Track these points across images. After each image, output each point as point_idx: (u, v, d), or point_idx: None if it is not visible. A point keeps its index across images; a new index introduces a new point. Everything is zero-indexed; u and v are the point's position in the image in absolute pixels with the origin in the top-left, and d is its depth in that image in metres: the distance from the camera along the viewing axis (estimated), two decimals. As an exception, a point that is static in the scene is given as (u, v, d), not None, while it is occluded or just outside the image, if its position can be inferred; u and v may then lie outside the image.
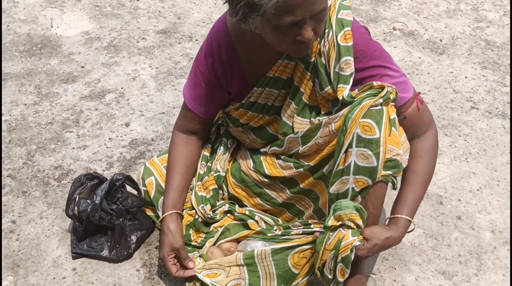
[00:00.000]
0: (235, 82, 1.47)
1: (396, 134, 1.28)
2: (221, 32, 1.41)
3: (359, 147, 1.25)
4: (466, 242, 1.75)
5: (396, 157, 1.28)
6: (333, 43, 1.30)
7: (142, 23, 2.78)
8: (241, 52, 1.42)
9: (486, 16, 2.93)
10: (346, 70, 1.31)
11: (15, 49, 2.53)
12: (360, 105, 1.24)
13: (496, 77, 2.49)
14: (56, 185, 1.85)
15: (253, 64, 1.43)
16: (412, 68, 2.53)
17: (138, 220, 1.62)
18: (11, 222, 1.72)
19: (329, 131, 1.33)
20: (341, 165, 1.29)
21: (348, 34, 1.30)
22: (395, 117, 1.29)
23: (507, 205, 1.88)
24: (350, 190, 1.31)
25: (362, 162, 1.26)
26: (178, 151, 1.57)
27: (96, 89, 2.32)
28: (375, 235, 1.31)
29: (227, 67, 1.44)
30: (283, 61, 1.39)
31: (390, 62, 1.37)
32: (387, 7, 2.99)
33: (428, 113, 1.43)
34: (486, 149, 2.11)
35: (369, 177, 1.28)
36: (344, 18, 1.31)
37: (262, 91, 1.45)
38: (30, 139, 2.04)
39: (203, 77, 1.47)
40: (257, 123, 1.52)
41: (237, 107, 1.51)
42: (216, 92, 1.50)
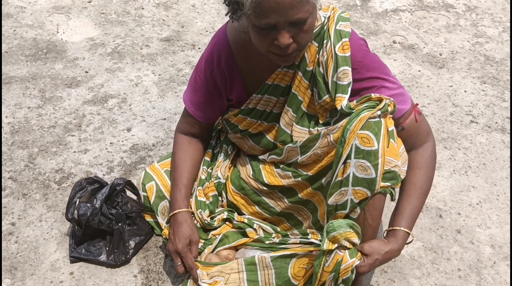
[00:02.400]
0: (234, 90, 1.49)
1: (394, 145, 1.29)
2: (221, 41, 1.44)
3: (358, 159, 1.25)
4: (465, 256, 1.75)
5: (395, 169, 1.28)
6: (331, 53, 1.33)
7: (146, 30, 2.81)
8: (240, 60, 1.44)
9: (485, 32, 2.96)
10: (344, 80, 1.32)
11: (21, 53, 2.55)
12: (358, 116, 1.26)
13: (496, 92, 2.50)
14: (57, 188, 1.86)
15: (252, 72, 1.45)
16: (412, 81, 2.54)
17: (137, 226, 1.62)
18: (11, 224, 1.72)
19: (328, 142, 1.34)
20: (339, 176, 1.30)
21: (346, 45, 1.32)
22: (393, 128, 1.30)
23: (507, 220, 1.89)
24: (349, 202, 1.30)
25: (361, 173, 1.26)
26: (183, 150, 1.58)
27: (99, 94, 2.34)
28: (375, 250, 1.31)
29: (227, 75, 1.46)
30: (282, 69, 1.40)
31: (388, 74, 1.38)
32: (387, 21, 3.02)
33: (426, 125, 1.44)
34: (485, 163, 2.11)
35: (368, 188, 1.28)
36: (342, 29, 1.34)
37: (261, 98, 1.46)
38: (33, 142, 2.05)
39: (203, 85, 1.49)
40: (255, 130, 1.54)
41: (236, 113, 1.52)
42: (215, 99, 1.51)
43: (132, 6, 3.01)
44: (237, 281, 1.44)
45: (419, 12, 3.13)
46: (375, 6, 3.15)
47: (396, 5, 3.17)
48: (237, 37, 1.40)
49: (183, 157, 1.57)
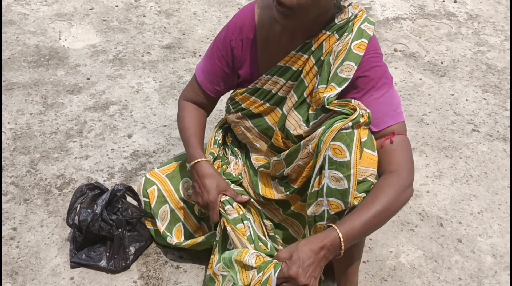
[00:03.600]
0: (246, 65, 1.49)
1: (370, 155, 1.27)
2: (247, 15, 1.45)
3: (331, 170, 1.25)
4: (466, 266, 1.75)
5: (370, 178, 1.26)
6: (347, 46, 1.32)
7: (147, 38, 2.82)
8: (260, 37, 1.44)
9: (487, 41, 2.97)
10: (344, 73, 1.31)
11: (23, 60, 2.56)
12: (331, 127, 1.24)
13: (497, 101, 2.51)
14: (58, 193, 1.86)
15: (268, 52, 1.45)
16: (413, 89, 2.55)
17: (137, 231, 1.62)
18: (12, 229, 1.72)
19: (307, 153, 1.33)
20: (315, 187, 1.29)
21: (363, 45, 1.32)
22: (367, 138, 1.27)
23: (508, 229, 1.88)
24: (325, 213, 1.29)
25: (334, 184, 1.25)
26: (191, 115, 1.58)
27: (100, 100, 2.34)
28: (291, 249, 1.23)
29: (244, 47, 1.46)
30: (296, 53, 1.40)
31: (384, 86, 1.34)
32: (389, 29, 3.03)
33: (399, 157, 1.31)
34: (487, 172, 2.11)
35: (342, 200, 1.26)
36: (365, 30, 1.34)
37: (270, 78, 1.46)
38: (34, 147, 2.06)
39: (218, 53, 1.50)
40: (257, 109, 1.52)
41: (243, 92, 1.52)
42: (227, 71, 1.51)
43: (133, 14, 3.03)
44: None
45: (421, 20, 3.14)
46: (376, 14, 3.17)
47: (397, 13, 3.18)
48: (263, 14, 1.42)
49: (191, 120, 1.57)
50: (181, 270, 1.64)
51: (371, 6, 3.25)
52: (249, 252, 1.29)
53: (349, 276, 1.47)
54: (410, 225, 1.86)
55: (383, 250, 1.77)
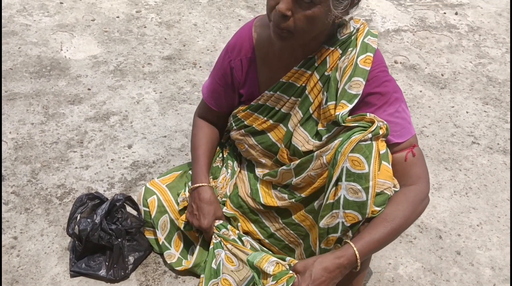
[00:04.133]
0: (248, 84, 1.51)
1: (387, 167, 1.29)
2: (245, 35, 1.48)
3: (349, 182, 1.25)
4: (465, 278, 1.74)
5: (386, 191, 1.28)
6: (353, 62, 1.33)
7: (148, 49, 2.84)
8: (259, 56, 1.46)
9: (488, 53, 2.98)
10: (353, 89, 1.32)
11: (25, 70, 2.58)
12: (349, 139, 1.25)
13: (498, 113, 2.51)
14: (58, 203, 1.86)
15: (268, 69, 1.47)
16: (413, 101, 2.56)
17: (136, 241, 1.62)
18: (13, 238, 1.72)
19: (321, 164, 1.34)
20: (331, 199, 1.29)
21: (369, 59, 1.33)
22: (385, 151, 1.29)
23: (508, 242, 1.88)
24: (340, 225, 1.29)
25: (352, 196, 1.26)
26: (203, 132, 1.64)
27: (101, 111, 2.36)
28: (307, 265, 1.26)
29: (244, 67, 1.49)
30: (299, 69, 1.41)
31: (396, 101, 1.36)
32: (389, 41, 3.05)
33: (418, 169, 1.36)
34: (486, 185, 2.11)
35: (359, 212, 1.27)
36: (370, 43, 1.35)
37: (272, 94, 1.47)
38: (35, 157, 2.06)
39: (219, 73, 1.54)
40: (260, 127, 1.54)
41: (245, 109, 1.54)
42: (228, 90, 1.55)
43: (134, 25, 3.06)
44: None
45: (421, 32, 3.16)
46: (377, 26, 3.19)
47: (398, 25, 3.20)
48: (261, 33, 1.44)
49: (202, 137, 1.63)
50: (180, 280, 1.64)
51: (371, 18, 3.28)
52: (270, 260, 1.31)
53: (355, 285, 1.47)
54: (409, 237, 1.86)
55: (381, 261, 1.76)
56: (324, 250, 1.36)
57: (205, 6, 3.30)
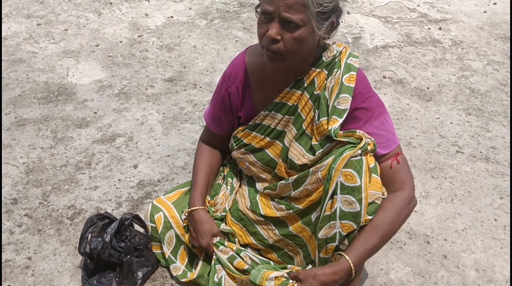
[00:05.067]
0: (245, 107, 1.66)
1: (377, 179, 1.43)
2: (239, 63, 1.64)
3: (343, 194, 1.40)
4: (451, 280, 1.87)
5: (377, 201, 1.42)
6: (339, 80, 1.49)
7: (150, 71, 2.99)
8: (254, 81, 1.62)
9: (470, 65, 3.13)
10: (342, 105, 1.47)
11: (33, 96, 2.72)
12: (341, 156, 1.40)
13: (480, 123, 2.65)
14: (69, 223, 2.00)
15: (263, 92, 1.62)
16: (401, 114, 2.70)
17: (144, 257, 1.75)
18: (27, 259, 1.85)
19: (317, 179, 1.49)
20: (328, 211, 1.44)
21: (353, 78, 1.49)
22: (374, 164, 1.44)
23: (491, 245, 2.01)
24: (337, 234, 1.44)
25: (347, 207, 1.40)
26: (204, 157, 1.79)
27: (107, 133, 2.50)
28: (308, 274, 1.43)
29: (240, 92, 1.64)
30: (290, 90, 1.56)
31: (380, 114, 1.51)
32: (378, 57, 3.19)
33: (404, 175, 1.49)
34: (470, 191, 2.24)
35: (354, 221, 1.41)
36: (352, 64, 1.52)
37: (267, 114, 1.62)
38: (46, 180, 2.20)
39: (218, 99, 1.70)
40: (258, 144, 1.68)
41: (243, 129, 1.69)
42: (228, 114, 1.71)
43: (137, 49, 3.21)
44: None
45: (408, 47, 3.31)
46: (366, 43, 3.34)
47: (386, 41, 3.35)
48: (254, 60, 1.60)
49: (202, 162, 1.78)
50: (185, 291, 1.77)
51: (361, 35, 3.43)
52: (269, 276, 1.47)
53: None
54: (399, 244, 1.99)
55: (374, 267, 1.89)
56: (323, 259, 1.51)
57: (204, 29, 3.45)
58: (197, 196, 1.71)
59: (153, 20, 3.53)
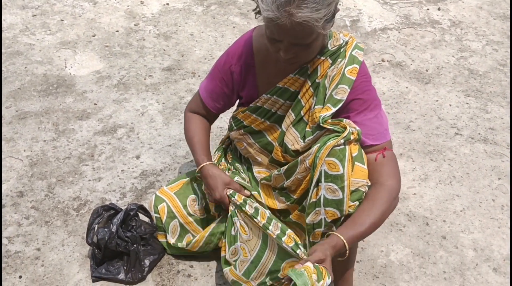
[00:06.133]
0: (247, 87, 1.67)
1: (361, 167, 1.45)
2: (246, 43, 1.64)
3: (327, 182, 1.43)
4: (450, 260, 1.91)
5: (361, 188, 1.45)
6: (341, 71, 1.51)
7: (148, 61, 3.00)
8: (258, 62, 1.63)
9: (469, 46, 3.13)
10: (339, 95, 1.50)
11: (33, 89, 2.74)
12: (325, 145, 1.43)
13: (479, 104, 2.67)
14: (75, 214, 2.04)
15: (266, 74, 1.63)
16: (400, 98, 2.72)
17: (150, 246, 1.80)
18: (36, 250, 1.90)
19: (305, 168, 1.52)
20: (313, 198, 1.47)
21: (355, 70, 1.51)
22: (357, 153, 1.45)
23: (489, 225, 2.05)
24: (323, 220, 1.47)
25: (330, 195, 1.43)
26: (196, 123, 1.78)
27: (108, 124, 2.52)
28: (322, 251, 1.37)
29: (243, 72, 1.65)
30: (294, 75, 1.58)
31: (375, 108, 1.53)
32: (376, 40, 3.20)
33: (389, 169, 1.49)
34: (469, 173, 2.28)
35: (337, 208, 1.44)
36: (356, 56, 1.53)
37: (269, 98, 1.64)
38: (50, 173, 2.23)
39: (219, 75, 1.69)
40: (258, 127, 1.70)
41: (244, 110, 1.71)
42: (226, 91, 1.70)
43: (134, 38, 3.21)
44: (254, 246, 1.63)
45: (406, 29, 3.30)
46: (364, 26, 3.33)
47: (384, 24, 3.35)
48: (260, 42, 1.60)
49: (196, 129, 1.77)
50: (192, 278, 1.81)
51: (359, 18, 3.42)
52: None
53: (346, 277, 1.65)
54: (398, 226, 2.03)
55: (374, 250, 1.93)
56: (312, 243, 1.54)
57: (200, 16, 3.45)
58: (201, 155, 1.71)
59: (149, 7, 3.52)
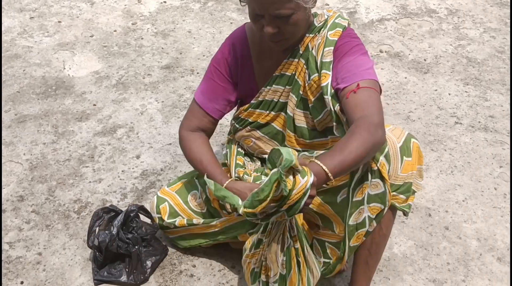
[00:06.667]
0: (245, 79, 1.66)
1: (408, 161, 1.44)
2: (239, 35, 1.64)
3: (374, 179, 1.40)
4: (453, 251, 1.90)
5: (409, 179, 1.44)
6: (324, 37, 1.52)
7: (147, 60, 2.99)
8: (254, 53, 1.63)
9: (467, 34, 3.11)
10: (327, 58, 1.49)
11: (32, 92, 2.74)
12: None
13: (478, 93, 2.65)
14: (76, 217, 2.04)
15: (263, 66, 1.63)
16: (399, 88, 2.70)
17: (152, 247, 1.80)
18: (38, 254, 1.90)
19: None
20: (358, 196, 1.43)
21: (338, 32, 1.51)
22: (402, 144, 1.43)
23: (491, 214, 2.03)
24: (366, 218, 1.45)
25: (373, 190, 1.42)
26: (197, 141, 1.67)
27: (108, 125, 2.52)
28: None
29: (240, 63, 1.64)
30: (288, 60, 1.58)
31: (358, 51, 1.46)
32: (374, 31, 3.18)
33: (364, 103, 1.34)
34: (470, 162, 2.26)
35: (381, 202, 1.43)
36: (339, 22, 1.54)
37: (269, 89, 1.63)
38: (51, 175, 2.24)
39: (217, 71, 1.66)
40: (264, 120, 1.69)
41: (247, 108, 1.69)
42: (226, 86, 1.66)
43: (132, 37, 3.20)
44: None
45: (404, 19, 3.28)
46: (361, 17, 3.31)
47: (381, 15, 3.33)
48: (254, 32, 1.60)
49: (201, 149, 1.65)
50: (195, 278, 1.82)
51: (356, 9, 3.40)
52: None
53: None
54: (401, 218, 2.02)
55: (377, 243, 1.93)
56: (353, 248, 1.52)
57: (198, 13, 3.43)
58: (218, 175, 1.57)
59: (146, 6, 3.51)
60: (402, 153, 1.43)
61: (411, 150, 1.46)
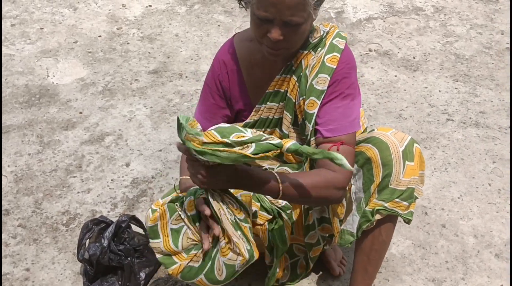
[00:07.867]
0: (237, 95, 1.61)
1: (411, 166, 1.42)
2: (227, 50, 1.59)
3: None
4: (451, 249, 1.89)
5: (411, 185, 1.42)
6: (321, 59, 1.46)
7: (133, 65, 2.94)
8: (244, 67, 1.58)
9: (454, 31, 3.11)
10: (320, 85, 1.45)
11: (15, 101, 2.67)
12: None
13: (468, 89, 2.65)
14: (65, 230, 1.98)
15: (254, 79, 1.58)
16: (389, 87, 2.68)
17: (145, 257, 1.74)
18: (25, 270, 1.84)
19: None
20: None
21: (335, 58, 1.46)
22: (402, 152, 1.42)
23: (487, 210, 2.02)
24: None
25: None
26: None
27: (95, 133, 2.46)
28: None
29: (231, 79, 1.59)
30: (280, 76, 1.53)
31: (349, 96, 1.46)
32: (362, 30, 3.16)
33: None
34: (463, 158, 2.25)
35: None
36: (337, 44, 1.48)
37: (264, 107, 1.59)
38: (37, 187, 2.17)
39: (210, 90, 1.62)
40: None
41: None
42: (221, 105, 1.62)
43: (117, 42, 3.14)
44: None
45: (391, 18, 3.27)
46: (349, 17, 3.29)
47: (369, 14, 3.31)
48: (243, 45, 1.55)
49: None
50: (190, 287, 1.77)
51: (343, 9, 3.38)
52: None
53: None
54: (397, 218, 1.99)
55: (374, 245, 1.90)
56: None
57: (184, 16, 3.39)
58: None
59: (131, 10, 3.46)
60: (405, 158, 1.41)
61: (414, 155, 1.44)
